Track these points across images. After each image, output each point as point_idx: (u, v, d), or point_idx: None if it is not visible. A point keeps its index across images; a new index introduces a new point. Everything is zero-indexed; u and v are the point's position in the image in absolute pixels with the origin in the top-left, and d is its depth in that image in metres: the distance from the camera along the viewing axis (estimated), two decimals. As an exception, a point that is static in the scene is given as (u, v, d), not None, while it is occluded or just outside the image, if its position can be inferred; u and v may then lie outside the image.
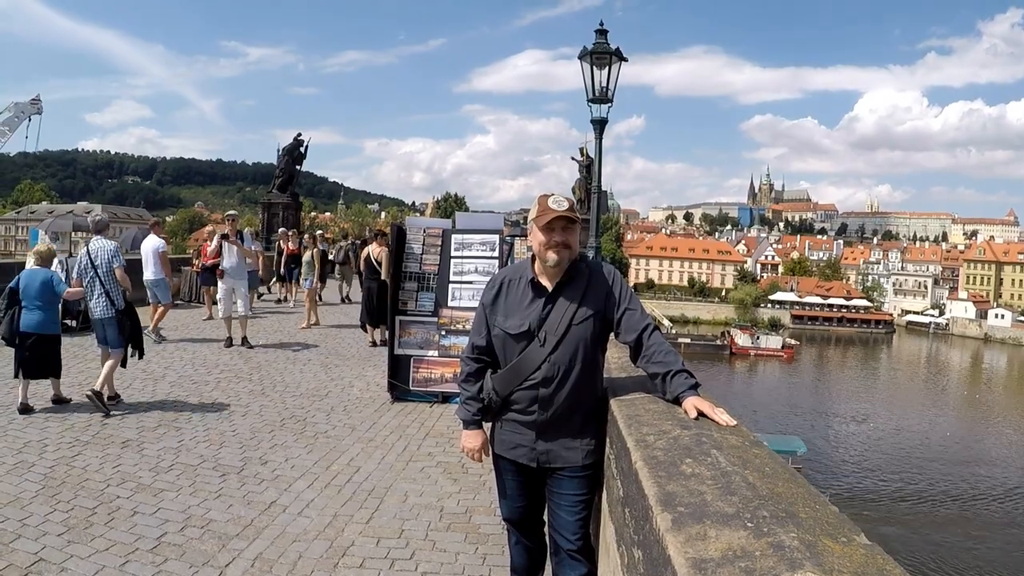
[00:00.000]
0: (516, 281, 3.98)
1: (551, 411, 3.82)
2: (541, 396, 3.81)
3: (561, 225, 3.77)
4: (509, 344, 3.90)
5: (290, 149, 37.38)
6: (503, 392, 3.92)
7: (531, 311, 3.85)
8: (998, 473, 44.24)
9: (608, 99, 13.74)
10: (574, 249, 3.84)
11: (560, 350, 3.77)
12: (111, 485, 6.66)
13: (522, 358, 3.84)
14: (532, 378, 3.81)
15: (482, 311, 4.08)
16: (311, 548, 5.63)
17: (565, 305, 3.82)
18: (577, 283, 3.87)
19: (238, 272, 14.78)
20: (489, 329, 4.02)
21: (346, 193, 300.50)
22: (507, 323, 3.89)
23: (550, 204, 3.79)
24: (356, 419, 9.60)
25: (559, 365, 3.78)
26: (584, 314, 3.81)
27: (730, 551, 1.88)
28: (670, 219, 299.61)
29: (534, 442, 3.91)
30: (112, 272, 9.80)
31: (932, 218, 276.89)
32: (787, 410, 61.75)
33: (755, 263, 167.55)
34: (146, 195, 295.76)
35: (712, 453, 2.77)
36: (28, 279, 9.39)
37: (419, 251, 10.82)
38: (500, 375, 3.95)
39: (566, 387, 3.79)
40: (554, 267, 3.81)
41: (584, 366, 3.83)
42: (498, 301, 3.99)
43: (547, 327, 3.80)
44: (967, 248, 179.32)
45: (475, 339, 4.11)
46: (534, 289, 3.89)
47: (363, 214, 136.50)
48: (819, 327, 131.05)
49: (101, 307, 9.73)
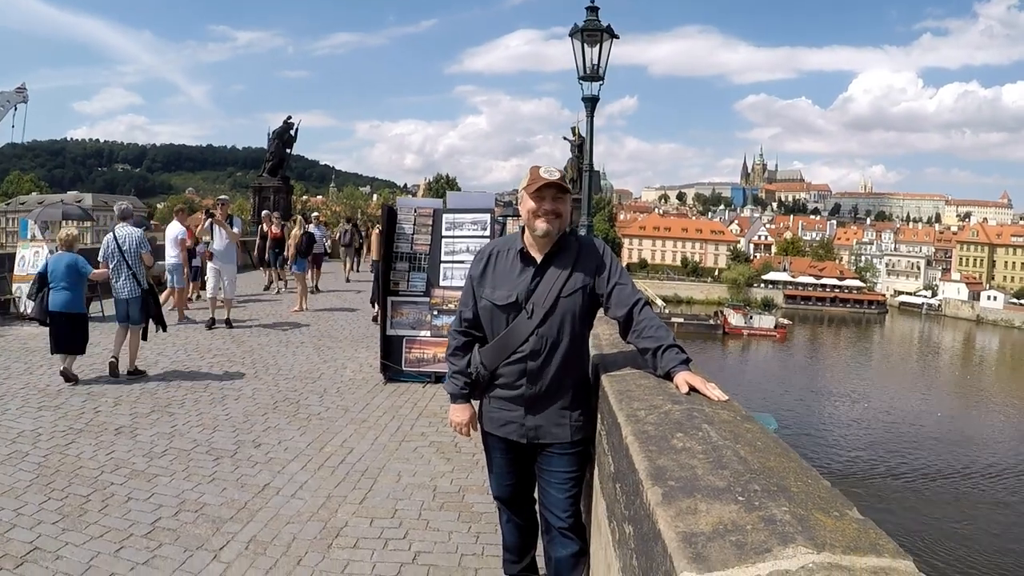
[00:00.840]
0: (504, 253, 3.93)
1: (539, 385, 3.78)
2: (529, 369, 3.77)
3: (552, 194, 3.71)
4: (496, 316, 3.85)
5: (280, 132, 37.12)
6: (491, 366, 3.88)
7: (519, 282, 3.80)
8: (988, 453, 44.51)
9: (599, 77, 13.67)
10: (564, 219, 3.79)
11: (548, 322, 3.73)
12: (105, 472, 6.65)
13: (509, 330, 3.80)
14: (520, 351, 3.77)
15: (470, 283, 4.03)
16: (305, 529, 5.63)
17: (554, 277, 3.76)
18: (566, 255, 3.81)
19: (227, 255, 14.80)
20: (476, 302, 3.96)
21: (337, 176, 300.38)
22: (494, 294, 3.83)
23: (541, 173, 3.74)
24: (349, 400, 9.61)
25: (547, 338, 3.74)
26: (573, 286, 3.75)
27: (721, 525, 1.86)
28: (663, 199, 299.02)
29: (523, 418, 3.87)
30: (140, 256, 10.64)
31: (926, 199, 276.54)
32: (780, 389, 61.95)
33: (748, 243, 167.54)
34: (136, 183, 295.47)
35: (703, 428, 2.75)
36: (54, 263, 10.11)
37: (410, 231, 10.79)
38: (488, 348, 3.91)
39: (554, 360, 3.76)
40: (543, 237, 3.75)
41: (572, 339, 3.79)
42: (486, 273, 3.92)
43: (535, 299, 3.74)
44: (960, 230, 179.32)
45: (463, 312, 4.06)
46: (523, 260, 3.84)
47: (355, 197, 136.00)
48: (812, 307, 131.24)
49: (128, 288, 10.51)
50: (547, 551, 4.08)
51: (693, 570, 1.64)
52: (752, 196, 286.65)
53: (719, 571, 1.63)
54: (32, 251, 15.10)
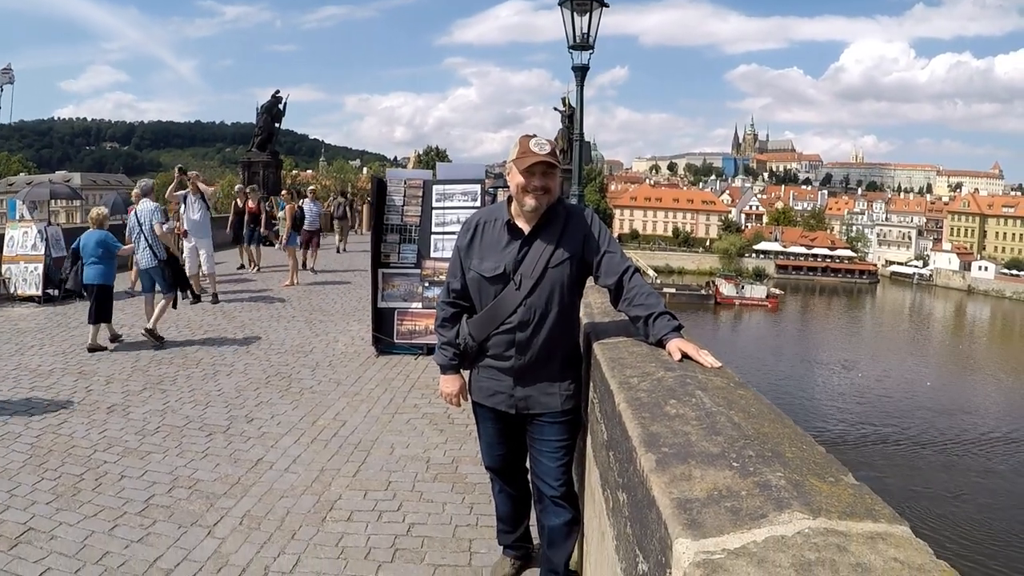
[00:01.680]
0: (491, 223, 3.90)
1: (528, 355, 3.78)
2: (518, 340, 3.77)
3: (541, 170, 3.64)
4: (484, 287, 3.83)
5: (268, 107, 36.90)
6: (479, 337, 3.88)
7: (507, 254, 3.77)
8: (978, 421, 44.77)
9: (589, 46, 13.57)
10: (553, 194, 3.74)
11: (536, 293, 3.71)
12: (98, 451, 6.64)
13: (497, 302, 3.78)
14: (508, 322, 3.77)
15: (457, 255, 4.01)
16: (299, 503, 5.64)
17: (541, 248, 3.73)
18: (554, 226, 3.78)
19: (201, 229, 14.73)
20: (464, 273, 3.94)
21: (327, 150, 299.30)
22: (482, 266, 3.81)
23: (531, 147, 3.65)
24: (341, 374, 9.60)
25: (535, 309, 3.72)
26: (561, 256, 3.73)
27: (715, 491, 1.85)
28: (654, 169, 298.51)
29: (512, 388, 3.87)
30: (152, 227, 11.34)
31: (917, 170, 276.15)
32: (772, 358, 62.23)
33: (739, 213, 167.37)
34: (125, 161, 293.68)
35: (696, 394, 2.74)
36: (86, 239, 10.86)
37: (400, 203, 10.75)
38: (476, 319, 3.90)
39: (543, 331, 3.75)
40: (532, 212, 3.72)
41: (561, 310, 3.77)
42: (473, 244, 3.90)
43: (523, 270, 3.72)
44: (951, 200, 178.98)
45: (451, 283, 4.03)
46: (510, 231, 3.80)
47: (345, 171, 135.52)
48: (803, 277, 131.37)
49: (147, 259, 11.32)
50: (540, 520, 4.09)
51: (688, 536, 1.63)
52: (743, 166, 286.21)
53: (714, 537, 1.61)
54: (21, 231, 14.97)
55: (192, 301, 13.45)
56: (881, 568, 1.48)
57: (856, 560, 1.50)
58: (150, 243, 11.29)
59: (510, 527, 4.52)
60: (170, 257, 11.60)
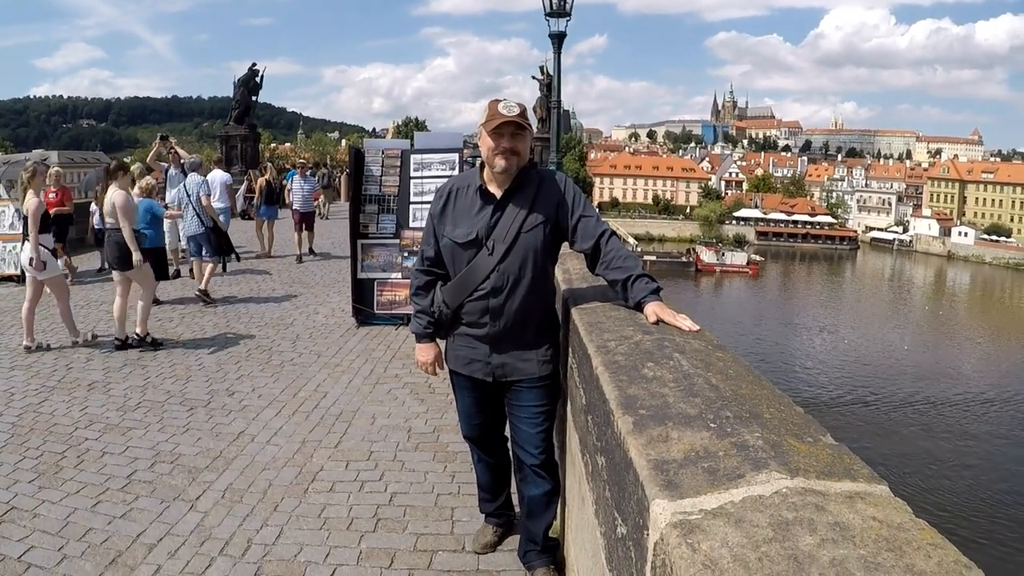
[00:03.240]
0: (464, 189, 3.87)
1: (502, 322, 3.76)
2: (492, 307, 3.74)
3: (510, 131, 3.63)
4: (457, 254, 3.80)
5: (245, 80, 36.51)
6: (453, 304, 3.85)
7: (479, 219, 3.75)
8: (955, 384, 45.29)
9: (566, 13, 13.52)
10: (523, 156, 3.73)
11: (509, 259, 3.68)
12: (79, 428, 6.62)
13: (470, 268, 3.75)
14: (481, 288, 3.73)
15: (431, 222, 3.97)
16: (281, 475, 5.65)
17: (514, 212, 3.71)
18: (527, 190, 3.76)
19: None
20: (438, 240, 3.91)
21: (305, 123, 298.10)
22: (455, 232, 3.79)
23: (500, 109, 3.65)
24: (322, 345, 9.60)
25: (508, 274, 3.69)
26: (534, 221, 3.71)
27: (693, 452, 1.84)
28: (633, 137, 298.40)
29: (488, 356, 3.86)
30: (199, 198, 12.75)
31: (897, 136, 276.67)
32: (752, 324, 62.61)
33: (719, 180, 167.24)
34: (102, 138, 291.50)
35: (674, 357, 2.73)
36: None
37: (378, 173, 10.69)
38: (449, 286, 3.87)
39: (516, 297, 3.72)
40: (502, 173, 3.69)
41: (534, 275, 3.74)
42: (446, 210, 3.88)
43: (495, 235, 3.70)
44: (931, 166, 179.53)
45: (425, 250, 4.01)
46: (482, 196, 3.78)
47: (324, 143, 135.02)
48: (784, 243, 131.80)
49: (194, 226, 12.73)
50: (520, 489, 4.10)
51: (665, 497, 1.62)
52: (723, 133, 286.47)
53: (691, 498, 1.61)
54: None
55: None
56: (860, 527, 1.47)
57: (834, 519, 1.50)
58: (197, 212, 12.70)
59: (491, 496, 4.53)
60: (214, 225, 12.84)
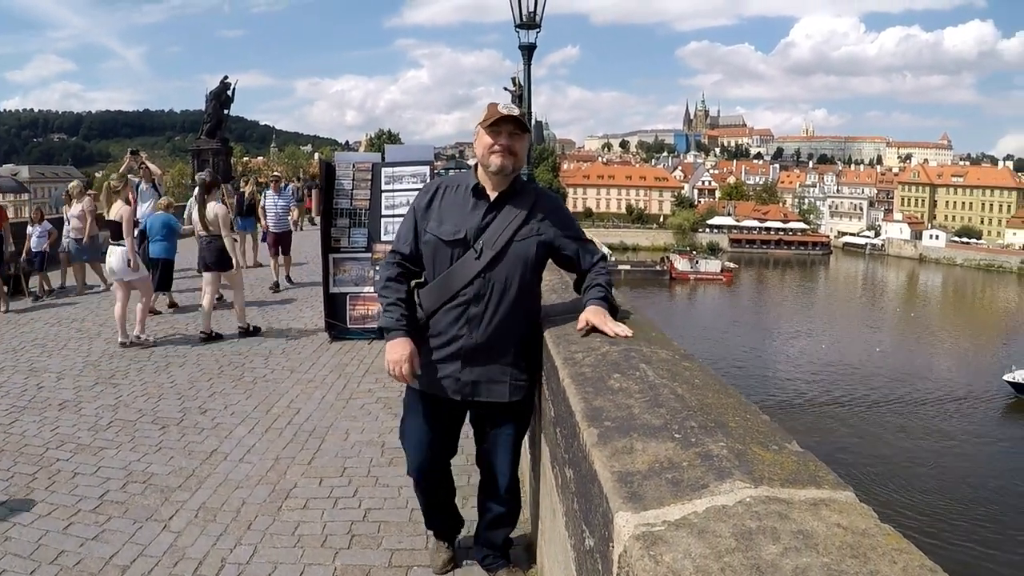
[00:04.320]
0: (454, 187, 3.68)
1: (480, 333, 3.52)
2: (470, 315, 3.51)
3: (509, 129, 3.48)
4: (440, 252, 3.56)
5: (217, 93, 36.32)
6: (429, 308, 3.60)
7: (470, 218, 3.55)
8: (930, 385, 45.83)
9: (536, 24, 13.54)
10: (520, 158, 3.56)
11: (497, 267, 3.48)
12: (50, 448, 6.53)
13: (453, 269, 3.53)
14: (463, 293, 3.50)
15: (412, 216, 3.73)
16: (254, 493, 5.60)
17: (509, 217, 3.53)
18: (523, 199, 3.60)
19: None
20: (418, 236, 3.67)
21: (278, 136, 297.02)
22: (441, 228, 3.56)
23: (500, 108, 3.51)
24: (295, 361, 9.54)
25: (493, 282, 3.48)
26: (528, 232, 3.54)
27: (657, 463, 1.85)
28: (606, 147, 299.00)
29: (460, 371, 3.59)
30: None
31: (867, 142, 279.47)
32: (727, 330, 62.92)
33: (692, 189, 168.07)
34: (74, 152, 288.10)
35: (641, 367, 2.73)
36: (152, 221, 12.70)
37: (349, 187, 10.66)
38: (428, 289, 3.63)
39: (499, 308, 3.51)
40: (497, 173, 3.51)
41: (521, 289, 3.55)
42: (432, 205, 3.65)
43: (485, 238, 3.49)
44: (902, 171, 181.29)
45: (398, 247, 3.74)
46: (476, 195, 3.59)
47: (296, 156, 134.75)
48: (757, 250, 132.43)
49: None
50: (482, 502, 4.05)
51: (628, 510, 1.62)
52: (695, 142, 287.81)
53: (655, 509, 1.61)
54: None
55: None
56: (824, 534, 1.48)
57: (798, 527, 1.51)
58: None
59: (440, 520, 4.31)
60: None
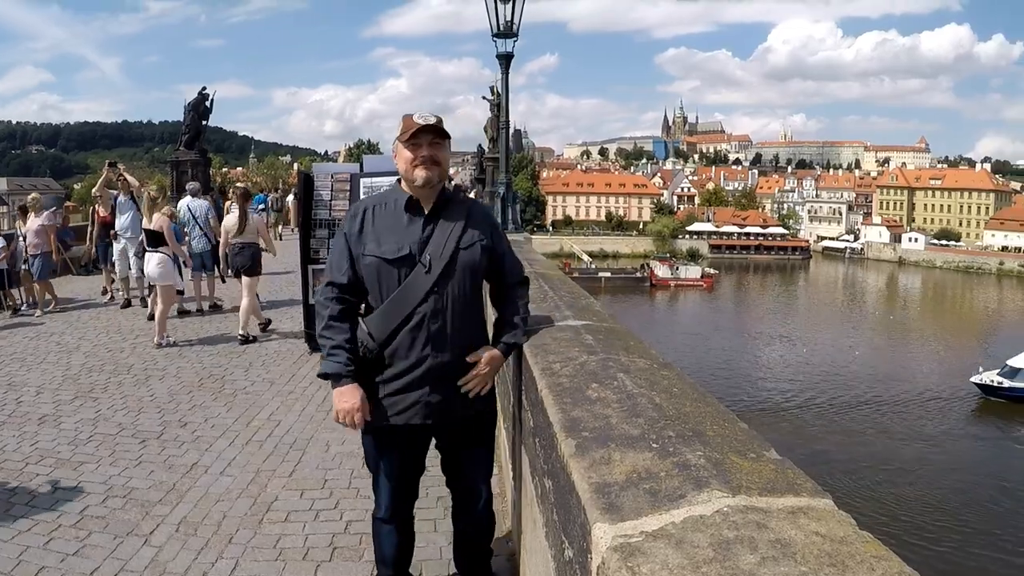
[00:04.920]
0: (382, 206, 3.49)
1: (445, 351, 3.36)
2: (433, 332, 3.33)
3: (428, 139, 3.35)
4: (386, 273, 3.36)
5: (195, 104, 36.23)
6: (381, 336, 3.38)
7: (410, 232, 3.38)
8: (909, 387, 45.94)
9: (513, 34, 13.59)
10: (444, 168, 3.44)
11: (449, 278, 3.34)
12: (30, 463, 6.46)
13: (404, 288, 3.33)
14: (419, 311, 3.32)
15: (344, 243, 3.49)
16: (235, 507, 5.57)
17: (449, 227, 3.41)
18: (457, 208, 3.49)
19: (133, 230, 14.44)
20: (354, 263, 3.44)
21: (257, 146, 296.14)
22: (381, 248, 3.35)
23: (415, 119, 3.36)
24: (275, 373, 9.50)
25: (448, 295, 3.34)
26: (471, 239, 3.42)
27: (635, 473, 1.85)
28: (585, 155, 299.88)
29: (428, 394, 3.39)
30: (208, 220, 14.22)
31: (845, 146, 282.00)
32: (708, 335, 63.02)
33: (671, 195, 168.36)
34: (52, 164, 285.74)
35: (619, 377, 2.75)
36: None
37: (328, 198, 10.62)
38: (377, 315, 3.41)
39: (459, 321, 3.38)
40: (423, 186, 3.37)
41: (473, 298, 3.45)
42: (364, 228, 3.44)
43: (430, 251, 3.34)
44: (880, 175, 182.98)
45: (334, 277, 3.47)
46: (409, 209, 3.43)
47: (276, 167, 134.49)
48: (737, 256, 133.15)
49: (202, 244, 13.75)
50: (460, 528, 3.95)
51: (606, 521, 1.63)
52: (674, 149, 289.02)
53: (632, 520, 1.62)
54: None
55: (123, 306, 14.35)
56: (802, 543, 1.49)
57: (776, 536, 1.52)
58: (205, 231, 14.01)
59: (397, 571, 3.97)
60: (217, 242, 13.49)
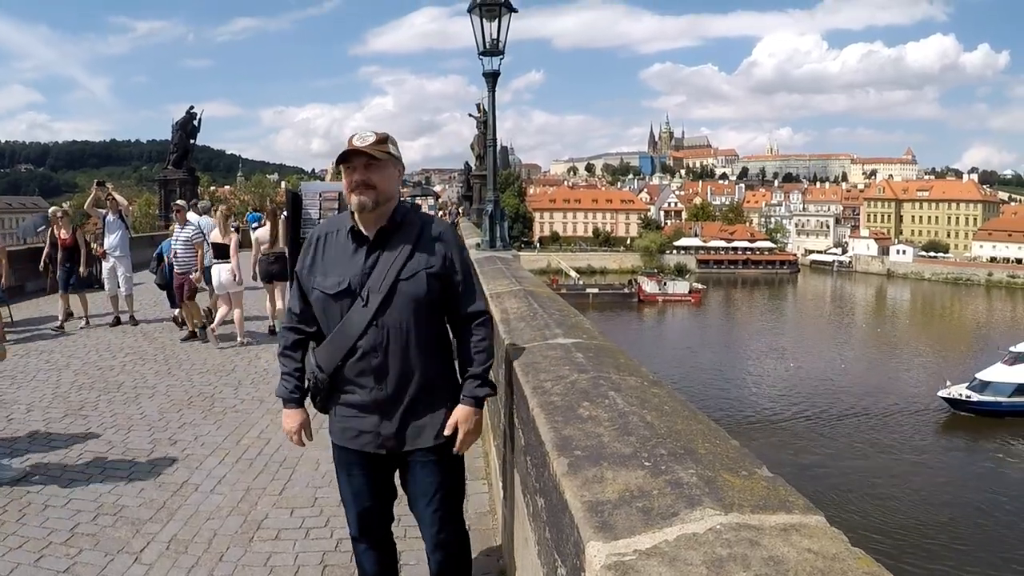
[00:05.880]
0: (334, 234, 3.45)
1: (390, 385, 3.33)
2: (375, 367, 3.31)
3: (361, 162, 3.26)
4: (329, 307, 3.36)
5: (183, 123, 36.28)
6: (328, 367, 3.39)
7: (352, 265, 3.32)
8: (899, 401, 46.01)
9: (499, 52, 13.58)
10: (383, 190, 3.29)
11: (387, 311, 3.27)
12: (20, 482, 6.43)
13: (344, 323, 3.32)
14: (360, 345, 3.29)
15: (300, 274, 3.51)
16: (225, 525, 5.56)
17: (391, 257, 3.30)
18: (406, 232, 3.37)
19: (121, 248, 14.48)
20: (305, 296, 3.47)
21: (244, 165, 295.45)
22: (325, 282, 3.34)
23: (353, 140, 3.29)
24: (264, 391, 9.45)
25: (387, 328, 3.28)
26: (415, 267, 3.30)
27: (627, 492, 1.86)
28: (572, 171, 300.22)
29: (378, 425, 3.40)
30: None
31: (832, 159, 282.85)
32: (696, 350, 63.14)
33: (658, 211, 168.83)
34: (40, 182, 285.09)
35: (610, 395, 2.75)
36: (167, 246, 13.91)
37: (316, 216, 10.62)
38: (324, 346, 3.42)
39: (402, 355, 3.31)
40: (359, 211, 3.30)
41: (421, 331, 3.34)
42: (316, 260, 3.43)
43: (370, 284, 3.28)
44: (867, 187, 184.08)
45: (292, 306, 3.58)
46: (354, 239, 3.37)
47: (263, 185, 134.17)
48: (725, 270, 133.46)
49: (210, 257, 13.45)
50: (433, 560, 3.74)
51: (599, 539, 1.63)
52: (660, 164, 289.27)
53: (626, 539, 1.62)
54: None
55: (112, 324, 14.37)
56: (795, 560, 1.50)
57: (769, 554, 1.52)
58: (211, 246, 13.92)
59: None
60: None
